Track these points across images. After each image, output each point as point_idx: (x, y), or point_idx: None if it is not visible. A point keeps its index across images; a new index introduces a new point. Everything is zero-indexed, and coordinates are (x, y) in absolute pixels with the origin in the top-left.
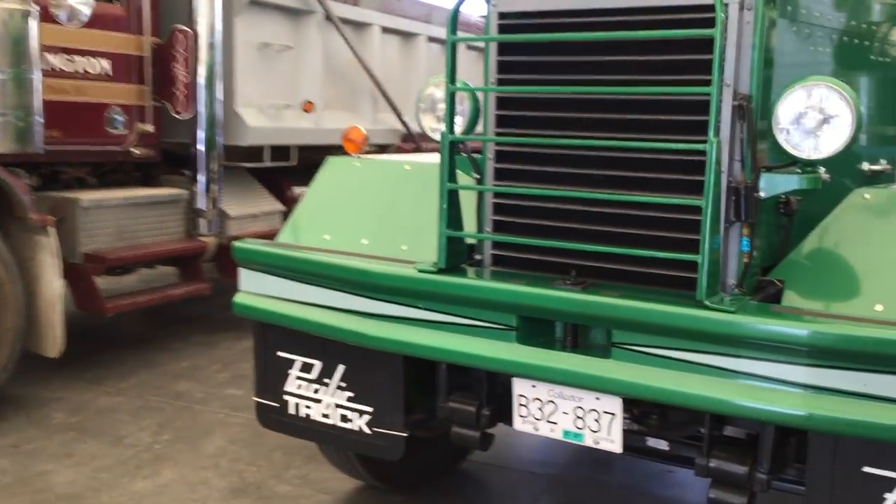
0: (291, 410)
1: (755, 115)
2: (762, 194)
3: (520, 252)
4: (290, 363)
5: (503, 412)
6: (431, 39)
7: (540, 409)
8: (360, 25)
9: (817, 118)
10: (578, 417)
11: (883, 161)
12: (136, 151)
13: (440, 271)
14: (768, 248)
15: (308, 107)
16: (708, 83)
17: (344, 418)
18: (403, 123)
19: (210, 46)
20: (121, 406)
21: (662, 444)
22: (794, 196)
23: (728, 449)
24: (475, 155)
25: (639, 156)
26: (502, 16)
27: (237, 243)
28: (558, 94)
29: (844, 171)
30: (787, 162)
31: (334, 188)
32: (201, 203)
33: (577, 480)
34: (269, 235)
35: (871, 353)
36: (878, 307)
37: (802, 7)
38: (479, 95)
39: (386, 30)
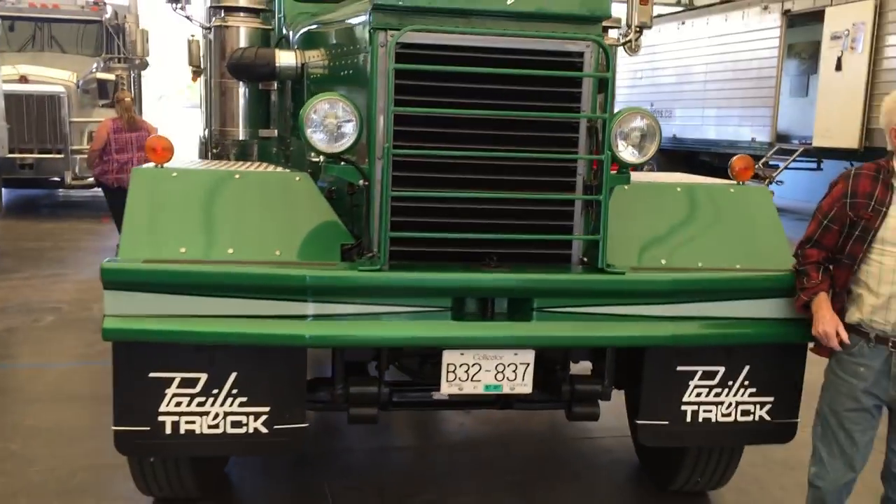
0: (168, 431)
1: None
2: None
3: (415, 246)
4: (167, 382)
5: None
6: None
7: (466, 371)
8: None
9: (640, 134)
10: (499, 372)
11: None
12: None
13: (381, 269)
14: None
15: None
16: (571, 110)
17: (236, 424)
18: None
19: None
20: None
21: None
22: None
23: (580, 377)
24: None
25: (512, 163)
26: (402, 46)
27: (106, 263)
28: (452, 114)
29: None
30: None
31: (158, 201)
32: None
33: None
34: None
35: (707, 290)
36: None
37: None
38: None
39: None
